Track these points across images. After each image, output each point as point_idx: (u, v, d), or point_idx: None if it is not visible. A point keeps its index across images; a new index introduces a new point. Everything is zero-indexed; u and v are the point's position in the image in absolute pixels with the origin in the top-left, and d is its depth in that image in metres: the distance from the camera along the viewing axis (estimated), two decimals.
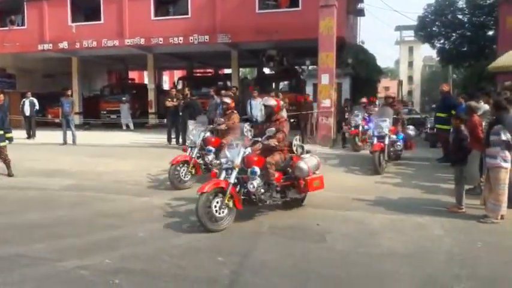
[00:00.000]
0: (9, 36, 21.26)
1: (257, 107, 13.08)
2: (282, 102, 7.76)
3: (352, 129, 12.40)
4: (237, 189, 5.88)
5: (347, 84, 17.44)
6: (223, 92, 14.97)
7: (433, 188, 8.16)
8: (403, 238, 5.38)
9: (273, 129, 6.17)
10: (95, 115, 21.98)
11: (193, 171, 8.31)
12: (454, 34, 25.90)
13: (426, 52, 71.86)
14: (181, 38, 18.40)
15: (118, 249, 4.89)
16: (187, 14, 19.44)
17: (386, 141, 9.34)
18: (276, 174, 6.18)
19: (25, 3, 21.47)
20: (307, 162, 6.38)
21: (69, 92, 15.85)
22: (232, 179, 5.73)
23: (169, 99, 14.32)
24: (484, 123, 7.12)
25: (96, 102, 23.14)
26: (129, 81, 27.56)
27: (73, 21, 20.88)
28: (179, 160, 8.19)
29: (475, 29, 24.79)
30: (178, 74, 34.22)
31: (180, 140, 14.16)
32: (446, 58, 27.66)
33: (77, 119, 19.06)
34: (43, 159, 11.49)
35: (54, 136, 15.45)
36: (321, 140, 13.76)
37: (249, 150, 6.09)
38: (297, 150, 6.75)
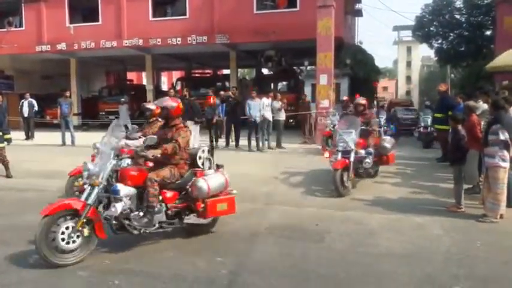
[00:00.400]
0: (7, 38, 21.25)
1: (256, 107, 13.10)
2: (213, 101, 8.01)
3: (327, 129, 11.84)
4: (103, 212, 4.78)
5: (345, 84, 17.48)
6: (222, 92, 15.01)
7: (432, 187, 8.17)
8: (401, 238, 5.38)
9: (155, 137, 5.08)
10: (94, 116, 21.97)
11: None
12: (451, 34, 25.93)
13: (424, 52, 72.02)
14: (179, 39, 18.42)
15: (117, 250, 4.88)
16: (185, 14, 19.46)
17: (352, 157, 7.66)
18: (169, 194, 5.02)
19: (23, 4, 21.48)
20: (208, 180, 5.13)
21: (67, 93, 15.85)
22: (92, 199, 4.57)
23: None
24: (482, 123, 7.13)
25: (94, 103, 23.13)
26: (128, 82, 27.56)
27: (71, 22, 20.89)
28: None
29: (472, 29, 24.83)
30: (176, 74, 34.22)
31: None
32: (444, 58, 27.70)
33: (75, 120, 19.03)
34: (42, 161, 11.47)
35: (52, 137, 15.43)
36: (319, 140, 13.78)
37: (127, 162, 5.24)
38: (203, 164, 5.49)
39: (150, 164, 5.28)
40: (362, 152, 7.92)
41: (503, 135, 5.94)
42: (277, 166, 10.30)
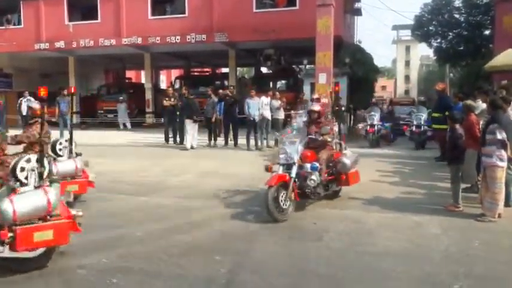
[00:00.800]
0: (5, 36, 21.21)
1: (254, 106, 13.10)
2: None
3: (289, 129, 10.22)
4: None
5: (344, 83, 17.47)
6: (220, 91, 15.01)
7: (430, 186, 8.19)
8: (400, 237, 5.39)
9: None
10: (92, 114, 21.94)
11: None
12: (450, 33, 25.92)
13: (423, 51, 72.05)
14: (178, 37, 18.41)
15: (116, 249, 4.89)
16: (184, 13, 19.45)
17: (293, 172, 6.19)
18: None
19: (21, 2, 21.45)
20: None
21: (65, 92, 15.83)
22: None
23: (167, 99, 14.33)
24: (481, 122, 7.14)
25: (93, 101, 23.12)
26: (126, 81, 27.54)
27: (70, 20, 20.87)
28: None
29: (471, 29, 24.83)
30: (175, 73, 34.20)
31: (178, 139, 14.17)
32: (443, 57, 27.71)
33: (74, 119, 19.01)
34: None
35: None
36: None
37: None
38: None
39: None
40: (307, 165, 6.39)
41: (501, 135, 5.95)
42: None
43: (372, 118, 14.27)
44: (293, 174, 6.14)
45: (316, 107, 7.62)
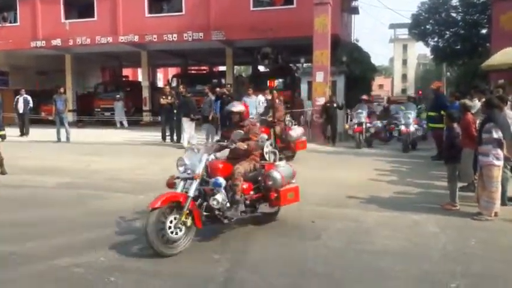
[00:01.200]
0: (1, 33, 21.12)
1: (252, 104, 13.08)
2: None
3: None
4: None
5: (341, 82, 17.47)
6: (218, 89, 14.98)
7: (427, 185, 8.21)
8: (398, 235, 5.40)
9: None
10: (89, 112, 21.88)
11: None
12: (447, 32, 25.98)
13: (420, 50, 72.20)
14: (175, 35, 18.37)
15: (113, 247, 4.87)
16: (181, 11, 19.41)
17: (192, 190, 4.78)
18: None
19: (18, 0, 21.31)
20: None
21: (61, 90, 15.78)
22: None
23: (164, 97, 14.30)
24: (478, 121, 7.16)
25: (90, 99, 23.05)
26: (123, 79, 27.47)
27: (66, 18, 20.80)
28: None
29: (468, 27, 24.89)
30: (172, 71, 34.13)
31: (175, 138, 14.15)
32: (440, 56, 27.78)
33: (70, 117, 18.96)
34: (36, 157, 11.43)
35: (47, 134, 15.36)
36: (314, 138, 13.82)
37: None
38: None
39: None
40: (212, 182, 4.98)
41: (497, 134, 5.96)
42: None
43: (358, 116, 13.45)
44: (191, 193, 4.72)
45: (237, 108, 5.71)
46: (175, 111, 13.76)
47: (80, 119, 21.34)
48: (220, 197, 4.88)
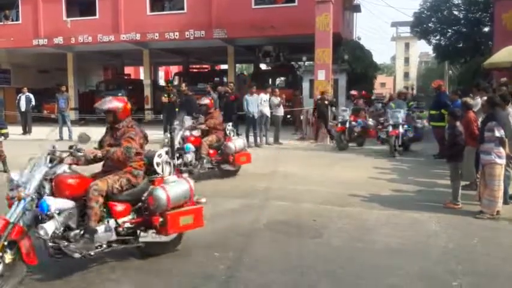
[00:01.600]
0: (3, 31, 21.13)
1: (254, 103, 13.09)
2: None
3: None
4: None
5: (343, 80, 17.47)
6: (219, 87, 14.98)
7: (429, 183, 8.20)
8: (399, 234, 5.40)
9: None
10: (91, 111, 21.87)
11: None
12: (449, 30, 25.94)
13: (422, 48, 72.12)
14: (177, 34, 18.36)
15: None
16: (183, 9, 19.40)
17: (15, 214, 3.68)
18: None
19: None
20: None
21: (63, 88, 15.79)
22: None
23: (165, 95, 14.30)
24: (480, 119, 7.14)
25: (91, 97, 23.06)
26: (125, 77, 27.48)
27: (68, 16, 20.81)
28: None
29: (470, 26, 24.84)
30: (174, 69, 34.13)
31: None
32: (442, 54, 27.73)
33: (72, 115, 18.98)
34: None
35: (50, 132, 15.37)
36: (314, 136, 13.84)
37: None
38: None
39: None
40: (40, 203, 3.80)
41: (499, 132, 5.95)
42: (275, 161, 10.32)
43: (342, 114, 12.72)
44: (13, 218, 3.60)
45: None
46: (177, 109, 13.75)
47: (81, 117, 21.36)
48: (51, 224, 3.71)
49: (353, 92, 14.59)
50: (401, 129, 11.13)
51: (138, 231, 4.36)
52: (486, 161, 6.09)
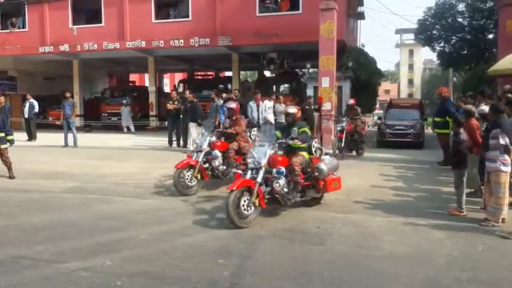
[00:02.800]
0: (10, 39, 21.34)
1: (258, 109, 13.11)
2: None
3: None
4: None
5: (347, 87, 17.49)
6: (224, 95, 15.02)
7: (434, 191, 8.18)
8: (403, 241, 5.39)
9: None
10: (96, 117, 22.02)
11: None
12: (454, 37, 25.92)
13: (426, 55, 72.09)
14: (182, 41, 18.48)
15: (120, 252, 4.91)
16: (188, 17, 19.52)
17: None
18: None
19: (26, 6, 21.55)
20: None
21: (67, 94, 15.89)
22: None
23: (170, 102, 14.37)
24: (484, 126, 7.13)
25: (97, 104, 23.20)
26: (130, 84, 27.65)
27: (74, 24, 20.98)
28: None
29: (475, 33, 24.83)
30: (179, 76, 34.27)
31: (181, 143, 14.19)
32: (446, 61, 27.69)
33: (77, 122, 19.09)
34: (44, 162, 11.52)
35: (55, 138, 15.48)
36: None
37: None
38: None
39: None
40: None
41: (503, 140, 5.93)
42: None
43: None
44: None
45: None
46: (181, 116, 13.81)
47: (87, 124, 21.48)
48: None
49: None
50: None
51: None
52: (491, 168, 6.08)
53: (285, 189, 6.15)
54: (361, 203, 7.18)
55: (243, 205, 5.77)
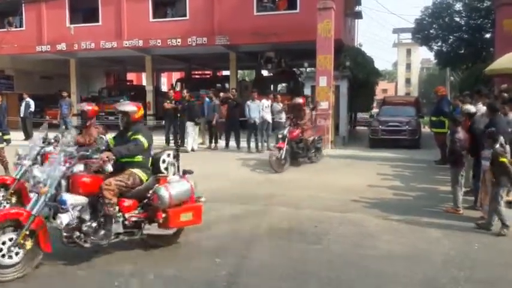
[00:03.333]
0: (7, 38, 21.24)
1: (255, 109, 13.12)
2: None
3: None
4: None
5: (345, 86, 17.48)
6: (221, 93, 15.03)
7: (431, 190, 8.19)
8: (400, 240, 5.40)
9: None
10: None
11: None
12: (451, 37, 25.92)
13: (424, 54, 72.20)
14: (179, 40, 18.44)
15: (117, 251, 4.89)
16: (185, 16, 19.47)
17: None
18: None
19: (23, 4, 21.47)
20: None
21: (64, 93, 15.84)
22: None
23: (168, 101, 14.35)
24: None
25: (94, 103, 23.12)
26: (127, 83, 27.56)
27: (71, 22, 20.89)
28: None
29: (472, 32, 24.84)
30: (176, 75, 34.21)
31: (179, 142, 14.18)
32: (443, 60, 27.69)
33: (75, 121, 19.03)
34: None
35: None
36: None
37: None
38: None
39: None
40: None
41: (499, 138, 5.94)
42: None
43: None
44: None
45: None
46: (179, 115, 13.80)
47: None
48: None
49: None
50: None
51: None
52: (487, 167, 6.08)
53: (85, 228, 4.37)
54: (358, 202, 7.19)
55: (1, 249, 4.00)
